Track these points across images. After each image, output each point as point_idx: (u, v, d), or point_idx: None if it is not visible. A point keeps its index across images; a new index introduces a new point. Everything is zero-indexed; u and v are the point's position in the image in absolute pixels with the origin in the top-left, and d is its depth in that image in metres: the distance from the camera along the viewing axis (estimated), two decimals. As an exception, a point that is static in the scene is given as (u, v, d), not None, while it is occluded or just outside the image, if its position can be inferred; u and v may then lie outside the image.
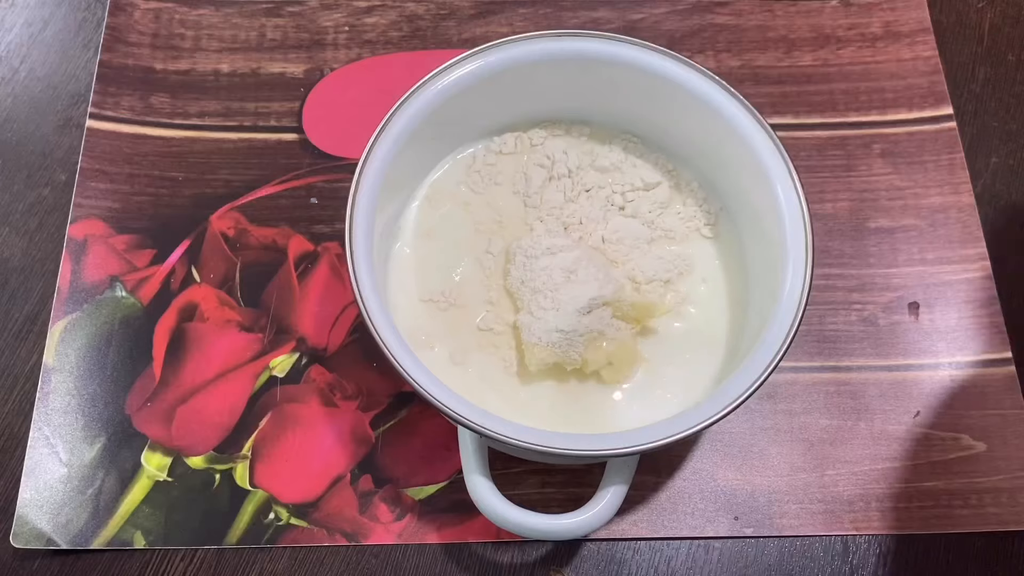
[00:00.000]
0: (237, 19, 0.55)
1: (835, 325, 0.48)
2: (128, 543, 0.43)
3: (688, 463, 0.45)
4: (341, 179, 0.50)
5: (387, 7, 0.55)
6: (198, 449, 0.44)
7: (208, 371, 0.46)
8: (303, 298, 0.47)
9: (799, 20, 0.55)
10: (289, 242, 0.49)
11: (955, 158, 0.52)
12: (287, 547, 0.43)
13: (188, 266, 0.48)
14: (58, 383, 0.45)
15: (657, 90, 0.43)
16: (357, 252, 0.38)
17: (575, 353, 0.41)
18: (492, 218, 0.45)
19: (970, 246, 0.49)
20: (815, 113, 0.53)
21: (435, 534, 0.43)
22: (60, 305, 0.47)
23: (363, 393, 0.46)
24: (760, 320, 0.40)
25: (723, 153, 0.43)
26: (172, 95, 0.52)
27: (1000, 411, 0.46)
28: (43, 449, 0.44)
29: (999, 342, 0.47)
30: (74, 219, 0.49)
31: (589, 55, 0.43)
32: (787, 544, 0.43)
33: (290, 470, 0.44)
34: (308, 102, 0.52)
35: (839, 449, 0.45)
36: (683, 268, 0.44)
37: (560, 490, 0.44)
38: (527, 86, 0.44)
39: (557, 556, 0.43)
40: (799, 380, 0.46)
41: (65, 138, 0.51)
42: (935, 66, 0.54)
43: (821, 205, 0.50)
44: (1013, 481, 0.44)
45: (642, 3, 0.56)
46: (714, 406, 0.37)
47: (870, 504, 0.44)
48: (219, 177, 0.50)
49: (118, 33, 0.54)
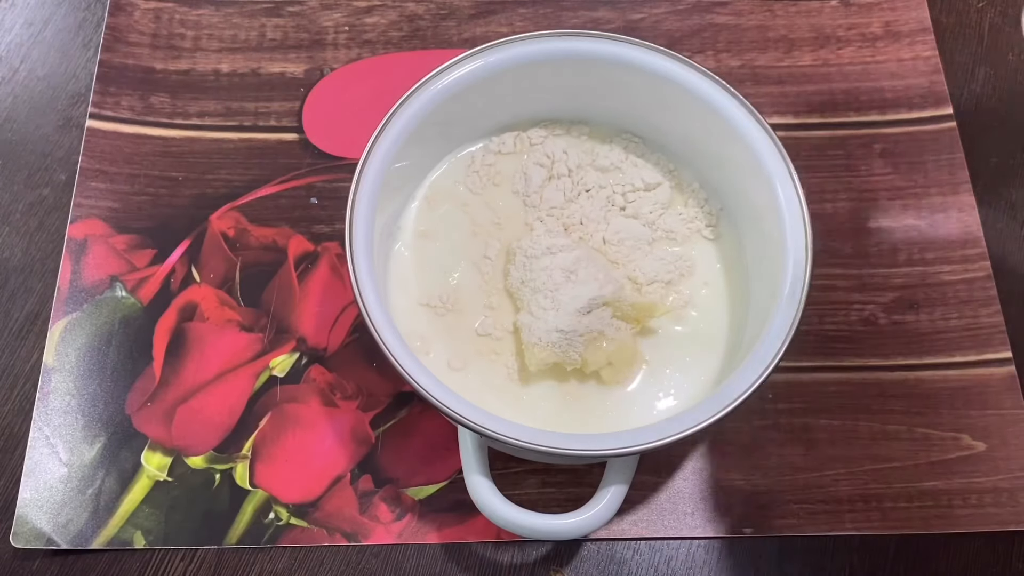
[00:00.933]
0: (237, 19, 0.55)
1: (835, 325, 0.48)
2: (128, 543, 0.43)
3: (688, 463, 0.45)
4: (341, 179, 0.50)
5: (387, 7, 0.55)
6: (198, 449, 0.44)
7: (208, 371, 0.46)
8: (303, 298, 0.47)
9: (799, 20, 0.55)
10: (289, 242, 0.49)
11: (955, 158, 0.52)
12: (287, 547, 0.43)
13: (188, 266, 0.48)
14: (58, 383, 0.45)
15: (657, 90, 0.43)
16: (357, 252, 0.38)
17: (575, 353, 0.41)
18: (491, 219, 0.45)
19: (970, 246, 0.49)
20: (815, 113, 0.53)
21: (435, 534, 0.43)
22: (60, 305, 0.47)
23: (363, 393, 0.46)
24: (760, 320, 0.40)
25: (723, 153, 0.43)
26: (172, 95, 0.52)
27: (1000, 411, 0.46)
28: (43, 449, 0.44)
29: (999, 342, 0.47)
30: (74, 219, 0.49)
31: (589, 55, 0.43)
32: (787, 544, 0.43)
33: (290, 470, 0.44)
34: (308, 102, 0.52)
35: (839, 449, 0.45)
36: (684, 270, 0.44)
37: (560, 490, 0.44)
38: (527, 86, 0.44)
39: (557, 556, 0.43)
40: (799, 380, 0.46)
41: (65, 138, 0.51)
42: (935, 66, 0.54)
43: (821, 205, 0.50)
44: (1013, 481, 0.44)
45: (642, 3, 0.56)
46: (714, 406, 0.37)
47: (870, 504, 0.44)
48: (219, 177, 0.50)
49: (118, 33, 0.54)
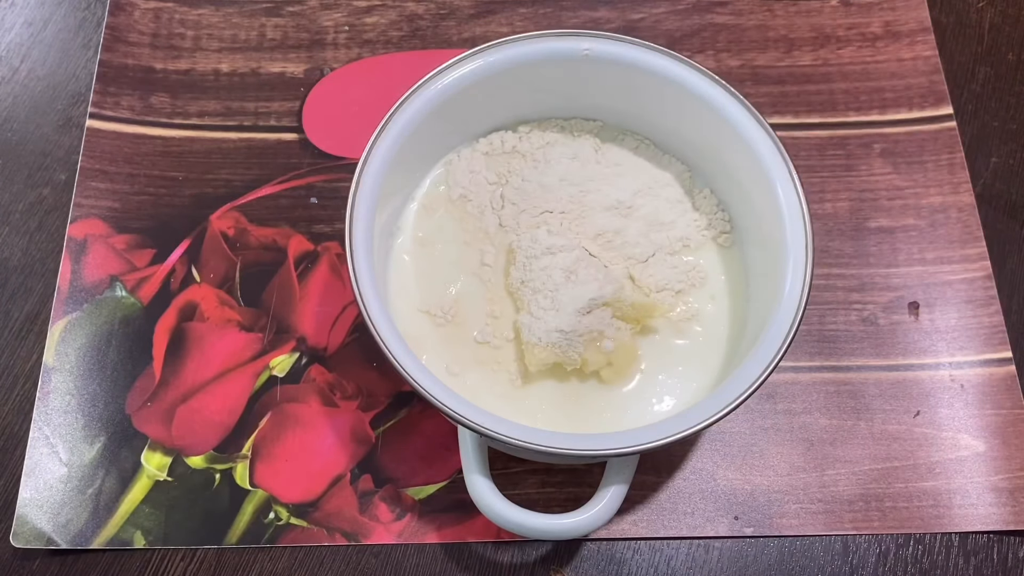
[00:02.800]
0: (237, 19, 0.55)
1: (835, 325, 0.48)
2: (128, 543, 0.43)
3: (688, 463, 0.45)
4: (341, 179, 0.50)
5: (387, 7, 0.55)
6: (198, 449, 0.44)
7: (208, 371, 0.46)
8: (303, 298, 0.47)
9: (799, 20, 0.55)
10: (289, 242, 0.49)
11: (955, 158, 0.52)
12: (287, 547, 0.43)
13: (188, 266, 0.48)
14: (58, 383, 0.45)
15: (657, 90, 0.43)
16: (357, 252, 0.38)
17: (575, 353, 0.41)
18: (491, 219, 0.45)
19: (970, 246, 0.49)
20: (815, 113, 0.53)
21: (435, 534, 0.43)
22: (60, 305, 0.47)
23: (363, 393, 0.45)
24: (760, 319, 0.40)
25: (723, 153, 0.43)
26: (172, 95, 0.52)
27: (1000, 411, 0.46)
28: (43, 449, 0.44)
29: (999, 342, 0.47)
30: (74, 219, 0.49)
31: (589, 55, 0.43)
32: (787, 544, 0.43)
33: (290, 470, 0.44)
34: (308, 102, 0.52)
35: (839, 449, 0.45)
36: (696, 280, 0.43)
37: (560, 490, 0.44)
38: (527, 86, 0.44)
39: (557, 556, 0.43)
40: (799, 380, 0.46)
41: (65, 138, 0.51)
42: (935, 66, 0.54)
43: (821, 205, 0.50)
44: (1013, 481, 0.44)
45: (642, 3, 0.56)
46: (714, 406, 0.37)
47: (870, 504, 0.44)
48: (219, 177, 0.50)
49: (118, 33, 0.54)
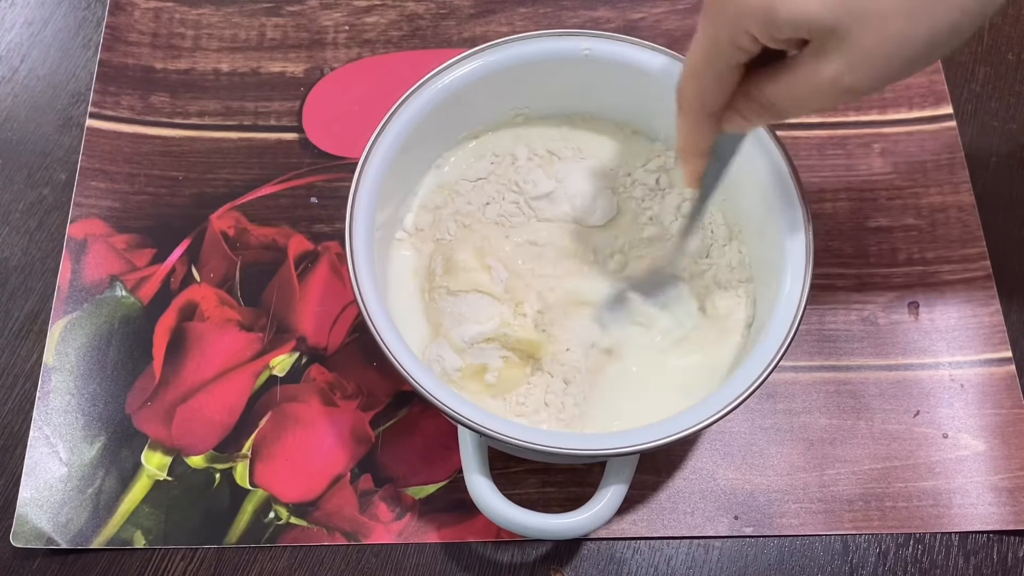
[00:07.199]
0: (237, 18, 0.55)
1: (835, 325, 0.48)
2: (128, 542, 0.43)
3: (688, 463, 0.45)
4: (341, 179, 0.50)
5: (387, 7, 0.55)
6: (198, 448, 0.44)
7: (208, 370, 0.46)
8: (303, 298, 0.47)
9: (799, 20, 0.55)
10: (289, 241, 0.49)
11: (955, 158, 0.51)
12: (287, 546, 0.43)
13: (188, 265, 0.48)
14: (58, 382, 0.45)
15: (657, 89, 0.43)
16: (357, 252, 0.38)
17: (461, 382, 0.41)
18: (490, 220, 0.45)
19: (970, 246, 0.49)
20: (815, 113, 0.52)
21: (435, 533, 0.43)
22: (60, 304, 0.47)
23: (363, 393, 0.45)
24: (761, 322, 0.40)
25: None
26: (172, 95, 0.52)
27: (1000, 411, 0.46)
28: (43, 448, 0.44)
29: (999, 342, 0.47)
30: (74, 218, 0.49)
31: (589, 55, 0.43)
32: (787, 543, 0.43)
33: (290, 469, 0.44)
34: (308, 102, 0.52)
35: (839, 449, 0.45)
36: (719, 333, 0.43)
37: (560, 490, 0.44)
38: (527, 85, 0.44)
39: (557, 555, 0.43)
40: (799, 380, 0.46)
41: (65, 137, 0.51)
42: (935, 66, 0.54)
43: (821, 205, 0.50)
44: (1013, 481, 0.44)
45: (642, 3, 0.56)
46: (714, 406, 0.37)
47: (870, 504, 0.44)
48: (219, 177, 0.50)
49: (118, 32, 0.54)
